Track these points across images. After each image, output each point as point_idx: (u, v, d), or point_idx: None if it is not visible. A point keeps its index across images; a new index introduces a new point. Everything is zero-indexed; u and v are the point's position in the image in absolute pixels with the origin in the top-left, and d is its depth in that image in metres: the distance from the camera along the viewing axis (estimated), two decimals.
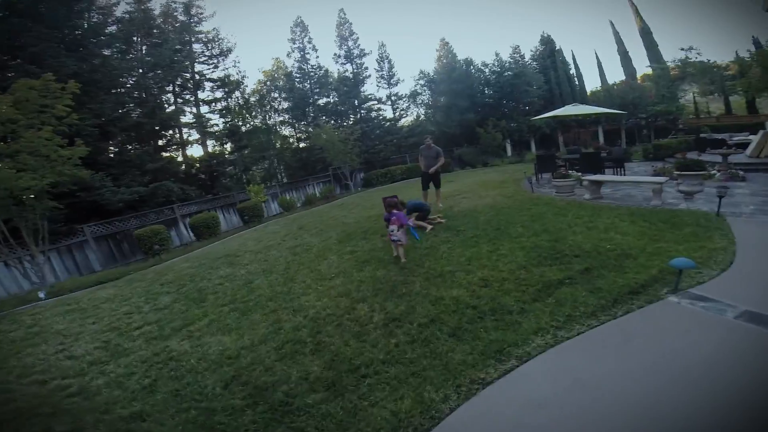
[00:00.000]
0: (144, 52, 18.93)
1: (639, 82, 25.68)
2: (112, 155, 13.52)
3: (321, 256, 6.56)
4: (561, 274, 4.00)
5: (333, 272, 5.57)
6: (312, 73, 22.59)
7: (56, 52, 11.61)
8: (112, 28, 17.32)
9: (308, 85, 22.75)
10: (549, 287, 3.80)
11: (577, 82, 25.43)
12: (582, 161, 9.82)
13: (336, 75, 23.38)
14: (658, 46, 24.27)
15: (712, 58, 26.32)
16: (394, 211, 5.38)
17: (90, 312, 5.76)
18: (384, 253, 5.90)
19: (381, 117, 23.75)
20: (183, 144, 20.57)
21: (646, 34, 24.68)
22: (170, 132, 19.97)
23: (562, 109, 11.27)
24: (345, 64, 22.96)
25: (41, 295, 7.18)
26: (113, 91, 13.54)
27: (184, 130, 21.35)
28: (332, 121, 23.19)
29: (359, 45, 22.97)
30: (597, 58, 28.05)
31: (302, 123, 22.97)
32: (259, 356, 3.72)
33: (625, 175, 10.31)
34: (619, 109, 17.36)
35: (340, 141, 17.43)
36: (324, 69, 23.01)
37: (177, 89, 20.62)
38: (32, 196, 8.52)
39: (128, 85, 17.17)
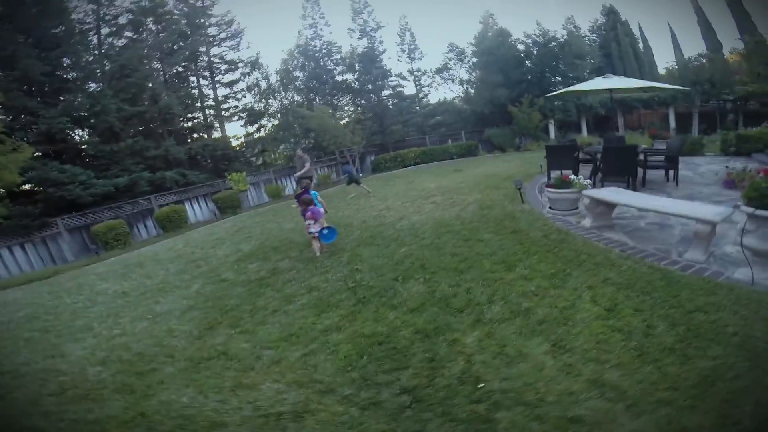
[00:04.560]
0: (150, 40, 18.67)
1: (729, 58, 19.74)
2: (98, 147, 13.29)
3: (187, 282, 5.28)
4: None
5: (134, 315, 4.35)
6: (325, 50, 20.76)
7: (27, 53, 11.36)
8: (122, 19, 17.18)
9: (322, 63, 21.00)
10: None
11: (644, 58, 20.62)
12: (605, 160, 6.88)
13: (353, 51, 21.22)
14: (750, 16, 18.23)
15: None
16: (310, 207, 5.38)
17: None
18: (225, 301, 4.30)
19: (398, 94, 21.19)
20: (192, 129, 20.32)
21: (734, 2, 18.70)
22: (183, 117, 19.75)
23: (589, 82, 8.12)
24: (361, 38, 20.65)
25: None
26: (87, 86, 13.23)
27: (207, 113, 21.44)
28: (349, 100, 21.48)
29: (374, 17, 20.52)
30: (671, 29, 22.14)
31: (314, 102, 21.44)
32: None
33: (678, 179, 7.20)
34: (692, 87, 13.04)
35: (341, 125, 15.57)
36: (338, 45, 21.08)
37: (187, 74, 20.30)
38: None
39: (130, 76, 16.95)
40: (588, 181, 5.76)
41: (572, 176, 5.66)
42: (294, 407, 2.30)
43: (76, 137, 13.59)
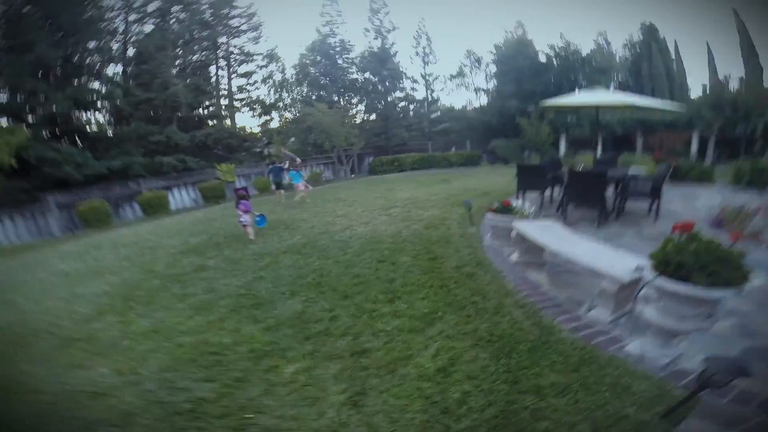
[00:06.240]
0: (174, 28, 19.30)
1: None
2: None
3: (121, 269, 5.40)
4: None
5: (59, 294, 4.52)
6: (339, 47, 20.77)
7: (45, 37, 11.90)
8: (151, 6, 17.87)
9: (337, 60, 21.02)
10: None
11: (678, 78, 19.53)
12: (570, 185, 6.39)
13: (365, 51, 21.13)
14: None
15: None
16: (242, 201, 6.05)
17: None
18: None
19: (407, 97, 20.92)
20: (201, 117, 20.87)
21: None
22: (193, 105, 20.29)
23: (573, 96, 7.57)
24: (376, 38, 20.50)
25: None
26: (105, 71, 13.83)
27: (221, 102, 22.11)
28: (358, 100, 21.42)
29: (390, 19, 20.39)
30: (709, 50, 20.57)
31: (322, 99, 21.50)
32: None
33: (658, 212, 6.54)
34: (712, 112, 12.05)
35: (340, 124, 15.49)
36: (352, 45, 21.04)
37: (206, 63, 20.91)
38: None
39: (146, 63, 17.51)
40: (533, 209, 5.38)
41: (515, 202, 5.27)
42: (98, 389, 2.46)
43: (84, 119, 14.19)
